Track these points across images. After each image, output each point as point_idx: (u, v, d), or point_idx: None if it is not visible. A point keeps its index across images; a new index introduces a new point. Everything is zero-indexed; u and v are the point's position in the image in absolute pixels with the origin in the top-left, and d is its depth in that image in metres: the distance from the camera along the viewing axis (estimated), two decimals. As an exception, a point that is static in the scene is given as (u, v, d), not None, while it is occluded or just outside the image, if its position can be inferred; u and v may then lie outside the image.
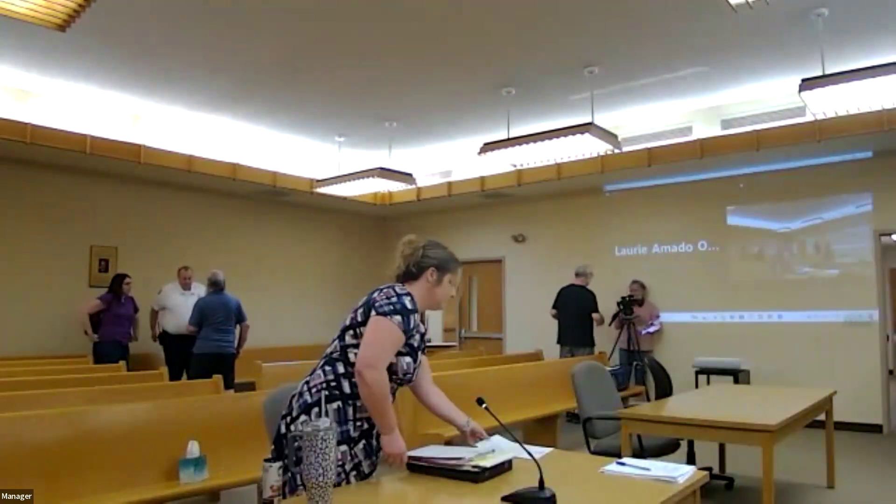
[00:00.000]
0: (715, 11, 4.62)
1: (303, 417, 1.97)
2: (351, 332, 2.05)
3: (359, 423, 2.00)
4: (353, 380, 2.00)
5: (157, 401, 3.70)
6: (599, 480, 1.97)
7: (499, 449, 2.14)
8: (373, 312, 2.01)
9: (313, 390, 2.02)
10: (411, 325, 2.04)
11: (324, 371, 2.05)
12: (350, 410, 1.99)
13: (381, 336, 1.97)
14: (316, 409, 1.97)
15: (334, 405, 1.99)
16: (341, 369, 2.03)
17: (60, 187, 7.12)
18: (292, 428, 1.98)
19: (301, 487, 1.90)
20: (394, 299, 2.03)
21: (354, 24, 4.92)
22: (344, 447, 1.96)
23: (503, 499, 1.76)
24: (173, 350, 6.78)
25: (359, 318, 2.05)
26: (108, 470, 2.99)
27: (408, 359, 2.04)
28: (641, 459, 2.20)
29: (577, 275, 7.53)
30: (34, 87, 6.30)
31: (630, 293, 7.59)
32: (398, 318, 2.00)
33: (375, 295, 2.06)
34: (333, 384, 2.01)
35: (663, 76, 6.03)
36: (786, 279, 7.09)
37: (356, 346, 2.02)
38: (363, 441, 2.01)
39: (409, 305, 2.04)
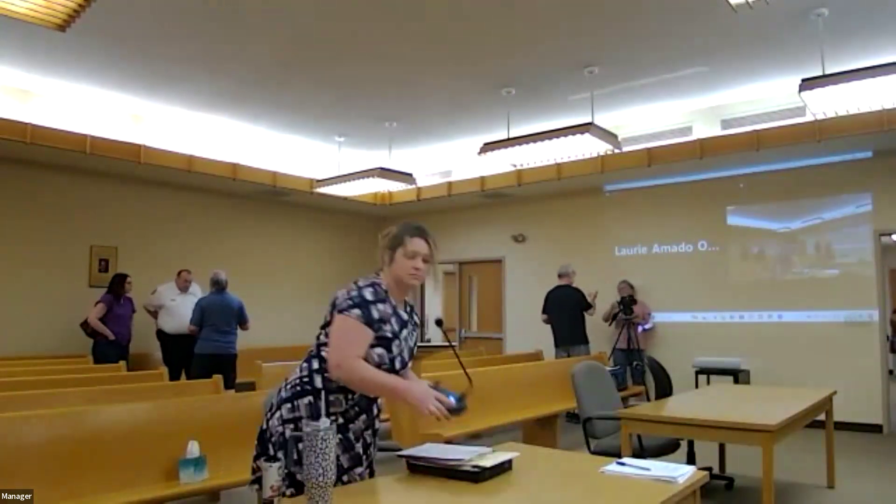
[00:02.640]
0: (715, 11, 4.62)
1: (278, 413, 2.02)
2: (323, 330, 2.10)
3: (332, 418, 2.00)
4: (326, 375, 2.03)
5: (157, 401, 3.70)
6: (599, 480, 1.97)
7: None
8: (336, 312, 2.04)
9: (289, 386, 2.07)
10: (375, 316, 2.03)
11: (300, 368, 2.09)
12: (322, 405, 2.01)
13: (342, 333, 1.99)
14: (288, 405, 2.02)
15: (305, 400, 2.02)
16: (315, 365, 2.06)
17: (60, 187, 7.13)
18: (270, 424, 2.04)
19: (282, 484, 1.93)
20: (353, 293, 2.04)
21: (355, 24, 4.92)
22: None
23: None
24: (171, 350, 6.78)
25: (327, 318, 2.08)
26: (108, 470, 2.98)
27: (379, 350, 2.03)
28: (641, 459, 2.20)
29: (560, 276, 7.57)
30: (34, 87, 6.30)
31: (620, 293, 7.58)
32: (357, 311, 2.00)
33: (339, 293, 2.08)
34: (306, 380, 2.05)
35: (663, 76, 6.03)
36: (786, 279, 7.09)
37: (327, 344, 2.06)
38: (339, 436, 2.00)
39: (369, 297, 2.03)
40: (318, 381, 2.03)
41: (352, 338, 1.99)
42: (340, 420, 2.01)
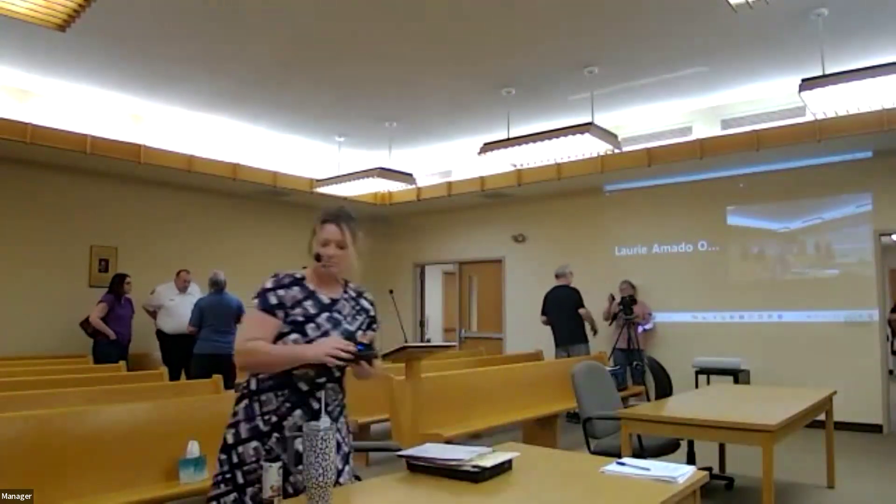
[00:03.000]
0: (715, 11, 4.62)
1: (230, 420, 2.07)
2: None
3: (266, 418, 1.99)
4: (259, 376, 2.04)
5: (157, 401, 3.70)
6: (599, 480, 1.97)
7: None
8: None
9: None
10: (273, 301, 2.03)
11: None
12: (256, 406, 2.01)
13: (242, 326, 2.08)
14: (233, 411, 2.05)
15: (243, 404, 2.04)
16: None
17: (60, 187, 7.12)
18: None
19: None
20: (259, 287, 2.08)
21: (355, 24, 4.92)
22: (255, 443, 1.97)
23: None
24: (170, 350, 6.78)
25: None
26: (108, 470, 2.98)
27: (293, 335, 2.01)
28: (641, 459, 2.20)
29: (557, 276, 7.60)
30: (34, 87, 6.30)
31: (622, 293, 7.58)
32: (256, 301, 2.05)
33: None
34: (244, 384, 2.07)
35: (663, 76, 6.03)
36: (786, 279, 7.09)
37: None
38: (275, 434, 1.98)
39: (268, 285, 2.07)
40: (253, 384, 2.04)
41: (248, 326, 2.04)
42: (274, 419, 1.99)
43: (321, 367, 1.99)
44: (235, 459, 1.97)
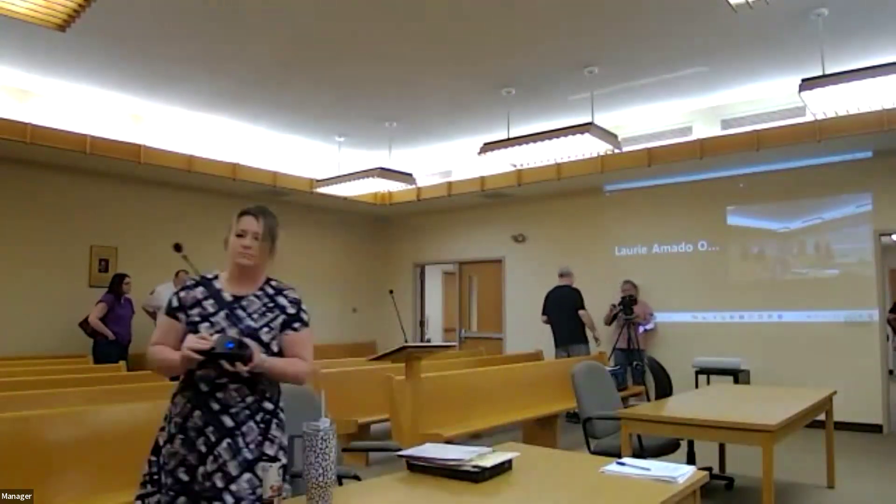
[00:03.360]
0: (715, 11, 4.62)
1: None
2: None
3: (175, 420, 2.01)
4: (178, 379, 2.06)
5: (157, 401, 3.68)
6: (599, 480, 1.97)
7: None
8: None
9: None
10: (174, 304, 2.07)
11: None
12: (171, 408, 2.04)
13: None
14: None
15: (167, 406, 2.06)
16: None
17: (60, 187, 7.13)
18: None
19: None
20: None
21: (355, 24, 4.92)
22: (168, 445, 1.99)
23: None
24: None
25: None
26: (108, 470, 2.98)
27: (191, 335, 1.96)
28: (641, 459, 2.20)
29: (560, 275, 7.61)
30: (34, 87, 6.30)
31: (623, 293, 7.58)
32: (165, 306, 2.10)
33: None
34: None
35: (663, 76, 6.03)
36: (786, 279, 7.09)
37: None
38: (181, 436, 1.97)
39: (174, 288, 2.13)
40: (175, 387, 2.06)
41: (156, 330, 2.09)
42: (179, 420, 1.99)
43: (219, 367, 1.94)
44: (161, 461, 2.00)
